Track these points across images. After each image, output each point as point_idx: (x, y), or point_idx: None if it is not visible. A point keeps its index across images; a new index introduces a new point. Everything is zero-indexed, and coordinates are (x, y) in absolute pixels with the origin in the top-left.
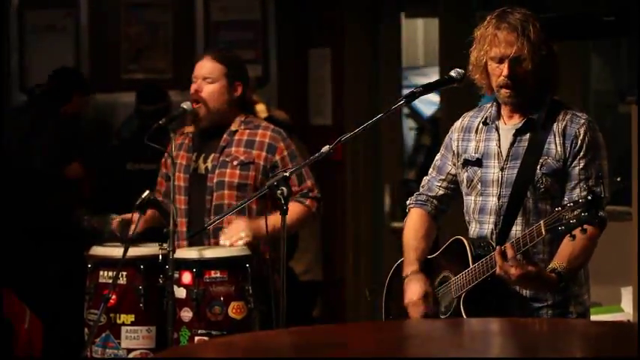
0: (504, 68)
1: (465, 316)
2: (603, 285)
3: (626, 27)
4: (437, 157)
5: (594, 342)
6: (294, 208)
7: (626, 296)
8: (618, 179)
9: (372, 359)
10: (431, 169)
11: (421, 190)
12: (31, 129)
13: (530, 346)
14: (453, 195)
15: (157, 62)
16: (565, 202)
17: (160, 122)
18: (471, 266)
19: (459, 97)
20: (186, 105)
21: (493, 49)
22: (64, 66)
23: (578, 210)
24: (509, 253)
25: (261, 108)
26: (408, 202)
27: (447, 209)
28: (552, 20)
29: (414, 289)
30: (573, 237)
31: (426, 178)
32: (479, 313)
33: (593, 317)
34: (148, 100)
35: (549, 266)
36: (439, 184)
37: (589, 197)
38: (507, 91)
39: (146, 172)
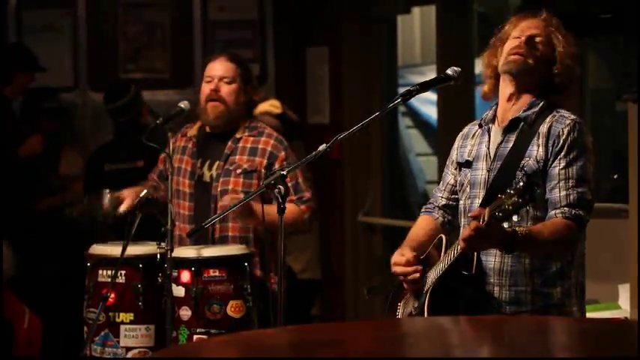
0: (522, 37)
1: (426, 314)
2: (600, 282)
3: (623, 25)
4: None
5: (593, 340)
6: (289, 208)
7: (624, 294)
8: (615, 177)
9: (371, 358)
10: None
11: (431, 199)
12: None
13: (531, 346)
14: (456, 205)
15: (155, 62)
16: (507, 189)
17: (157, 122)
18: (437, 263)
19: (456, 95)
20: (183, 104)
21: (518, 28)
22: (7, 43)
23: (515, 197)
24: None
25: (275, 104)
26: (420, 212)
27: (453, 219)
28: None
29: (398, 252)
30: (510, 223)
31: (434, 190)
32: (443, 312)
33: (590, 315)
34: (111, 98)
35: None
36: (441, 195)
37: (522, 183)
38: (516, 57)
39: (123, 172)
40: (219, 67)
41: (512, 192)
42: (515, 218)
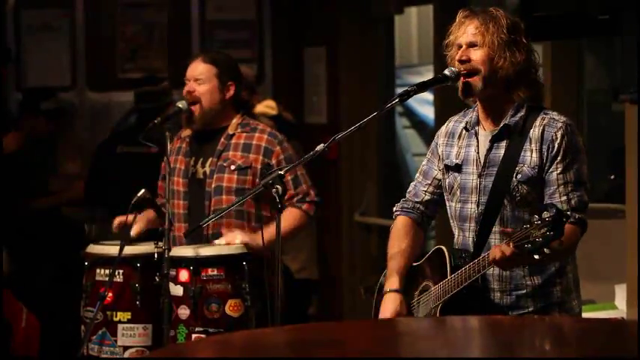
0: (460, 51)
1: None
2: (597, 282)
3: (620, 26)
4: (423, 162)
5: (591, 340)
6: (292, 214)
7: (620, 294)
8: (612, 177)
9: (369, 357)
10: (417, 174)
11: (407, 195)
12: None
13: (529, 346)
14: (439, 200)
15: (153, 61)
16: (533, 220)
17: (155, 121)
18: (449, 277)
19: (453, 96)
20: (181, 104)
21: (457, 36)
22: None
23: (545, 229)
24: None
25: (271, 104)
26: (394, 209)
27: (434, 215)
28: (546, 19)
29: (388, 308)
30: (540, 255)
31: (412, 184)
32: None
33: (587, 315)
34: (139, 84)
35: None
36: (425, 189)
37: (554, 215)
38: (462, 84)
39: (135, 155)
40: (192, 69)
41: (539, 223)
42: (546, 250)
